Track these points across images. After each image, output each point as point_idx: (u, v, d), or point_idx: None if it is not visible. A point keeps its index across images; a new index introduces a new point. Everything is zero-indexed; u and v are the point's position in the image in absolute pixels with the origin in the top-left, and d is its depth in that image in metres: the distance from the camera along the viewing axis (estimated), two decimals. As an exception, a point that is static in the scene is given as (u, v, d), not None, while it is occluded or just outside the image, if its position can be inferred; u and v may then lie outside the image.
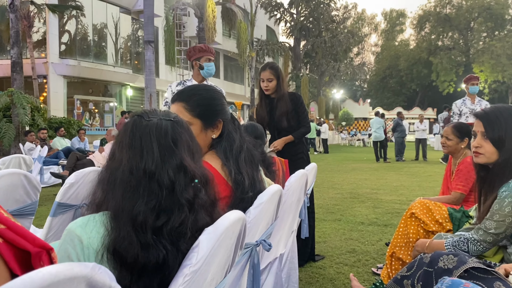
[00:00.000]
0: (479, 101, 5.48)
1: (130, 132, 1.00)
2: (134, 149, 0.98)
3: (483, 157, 1.64)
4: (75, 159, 6.81)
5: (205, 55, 3.17)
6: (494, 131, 1.60)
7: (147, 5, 12.84)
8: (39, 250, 0.66)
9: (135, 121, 1.02)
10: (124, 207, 0.93)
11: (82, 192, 2.09)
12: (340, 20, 33.29)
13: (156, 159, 0.97)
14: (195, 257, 0.82)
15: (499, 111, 1.63)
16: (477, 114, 1.68)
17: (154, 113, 1.05)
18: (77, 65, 17.50)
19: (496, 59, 36.49)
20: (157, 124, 1.01)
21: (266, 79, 3.11)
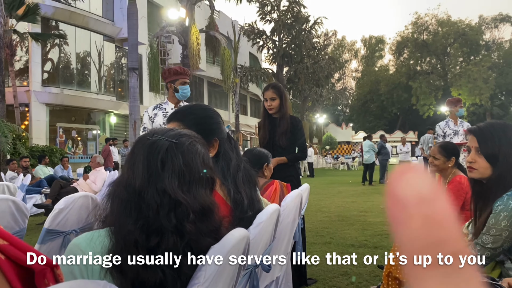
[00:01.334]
0: (461, 122, 5.60)
1: (132, 149, 1.02)
2: (129, 165, 0.98)
3: (477, 172, 1.66)
4: (58, 187, 6.67)
5: (180, 78, 3.17)
6: (488, 146, 1.63)
7: (131, 33, 12.94)
8: (43, 267, 0.64)
9: (139, 139, 1.02)
10: (119, 223, 0.93)
11: (72, 218, 2.04)
12: (321, 47, 33.98)
13: (141, 177, 0.95)
14: (202, 275, 0.80)
15: (493, 127, 1.66)
16: (471, 129, 1.72)
17: (161, 132, 1.04)
18: (59, 93, 17.36)
19: (473, 82, 37.58)
20: (153, 143, 0.99)
21: (269, 98, 3.18)
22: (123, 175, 0.98)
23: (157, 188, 0.94)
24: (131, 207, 0.93)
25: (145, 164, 0.96)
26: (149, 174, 0.95)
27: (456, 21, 43.12)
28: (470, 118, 38.77)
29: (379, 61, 52.11)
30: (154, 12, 22.22)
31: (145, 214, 0.92)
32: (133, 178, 0.95)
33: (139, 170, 0.96)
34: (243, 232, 0.94)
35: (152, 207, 0.92)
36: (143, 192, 0.93)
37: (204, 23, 19.38)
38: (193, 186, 0.99)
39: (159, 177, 0.95)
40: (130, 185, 0.95)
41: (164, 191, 0.94)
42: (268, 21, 29.50)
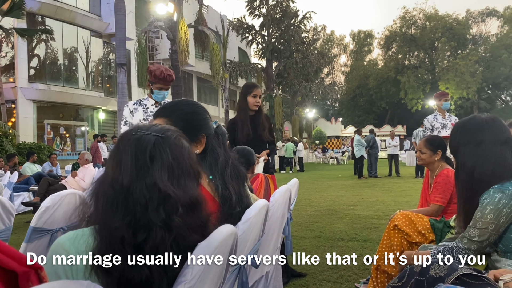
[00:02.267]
0: (449, 116, 5.65)
1: (116, 145, 1.00)
2: (115, 162, 0.97)
3: None
4: (46, 185, 6.60)
5: (157, 83, 3.20)
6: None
7: (119, 28, 12.80)
8: (27, 269, 0.63)
9: (123, 135, 1.01)
10: (105, 221, 0.92)
11: (59, 216, 2.01)
12: (310, 41, 33.99)
13: (130, 173, 0.94)
14: (189, 273, 0.80)
15: (478, 121, 1.70)
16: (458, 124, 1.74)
17: (145, 128, 1.03)
18: (47, 90, 17.15)
19: (460, 76, 37.93)
20: (139, 138, 0.99)
21: (259, 96, 3.39)
22: (108, 173, 0.97)
23: (146, 183, 0.94)
24: (117, 204, 0.92)
25: (133, 159, 0.96)
26: (137, 169, 0.95)
27: (444, 16, 43.43)
28: (458, 112, 39.20)
29: (368, 56, 52.33)
30: (142, 7, 22.01)
31: (132, 210, 0.91)
32: (120, 175, 0.94)
33: (127, 166, 0.95)
34: (230, 229, 0.94)
35: (141, 202, 0.92)
36: (131, 188, 0.93)
37: (193, 18, 19.27)
38: (181, 180, 0.99)
39: (148, 172, 0.95)
40: (116, 182, 0.94)
41: (154, 185, 0.94)
42: (257, 16, 29.42)
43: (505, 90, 43.91)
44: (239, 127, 3.39)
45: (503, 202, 1.52)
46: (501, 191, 1.54)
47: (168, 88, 3.29)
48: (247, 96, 3.41)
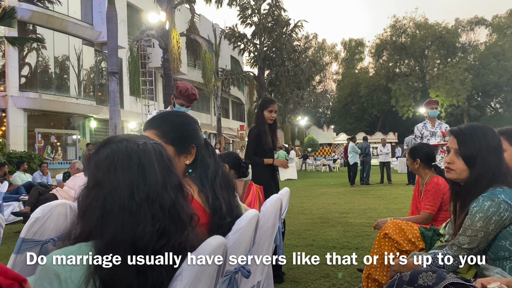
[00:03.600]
0: (439, 124, 5.70)
1: (126, 156, 0.97)
2: (133, 171, 0.95)
3: (454, 173, 1.69)
4: (37, 194, 6.54)
5: (180, 98, 3.44)
6: (467, 148, 1.66)
7: (111, 36, 12.81)
8: (11, 282, 0.62)
9: (127, 145, 1.00)
10: (124, 234, 0.90)
11: (49, 227, 2.00)
12: (301, 50, 34.20)
13: (159, 181, 0.97)
14: (178, 285, 0.80)
15: (474, 129, 1.69)
16: (453, 130, 1.74)
17: (140, 138, 1.05)
18: (38, 98, 17.05)
19: (451, 84, 38.32)
20: (152, 147, 1.02)
21: (274, 111, 3.72)
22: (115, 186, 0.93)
23: (172, 186, 0.99)
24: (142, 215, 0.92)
25: (157, 167, 0.99)
26: (163, 176, 0.98)
27: (433, 24, 43.96)
28: (448, 119, 39.56)
29: (359, 64, 52.72)
30: (133, 15, 22.04)
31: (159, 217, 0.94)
32: (145, 185, 0.95)
33: (155, 175, 0.97)
34: (219, 240, 0.94)
35: (168, 207, 0.95)
36: (158, 195, 0.95)
37: (185, 26, 19.33)
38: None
39: (171, 174, 1.01)
40: (140, 192, 0.94)
41: (179, 186, 1.01)
42: (249, 25, 29.57)
43: (495, 97, 44.45)
44: (264, 135, 3.70)
45: (492, 210, 1.53)
46: (491, 199, 1.55)
47: (189, 106, 3.52)
48: (264, 111, 3.72)
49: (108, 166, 0.96)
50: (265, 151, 3.71)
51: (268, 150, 3.73)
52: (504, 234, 1.55)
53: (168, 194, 0.96)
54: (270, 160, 3.71)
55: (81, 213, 0.95)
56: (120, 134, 1.09)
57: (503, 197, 1.55)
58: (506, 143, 1.92)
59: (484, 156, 1.64)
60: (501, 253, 1.57)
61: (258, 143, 3.69)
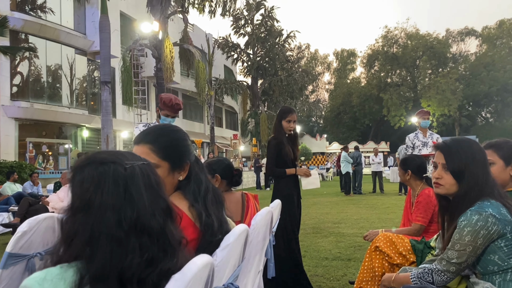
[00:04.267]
0: (431, 134, 5.73)
1: (113, 182, 0.93)
2: (121, 199, 0.91)
3: (443, 188, 1.69)
4: (27, 205, 6.47)
5: (165, 110, 3.42)
6: (455, 163, 1.66)
7: (104, 46, 12.79)
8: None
9: (115, 170, 0.95)
10: (112, 266, 0.86)
11: (36, 241, 1.97)
12: (294, 60, 34.43)
13: (148, 208, 0.92)
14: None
15: (460, 144, 1.70)
16: (439, 146, 1.74)
17: (128, 159, 1.00)
18: (29, 107, 16.94)
19: (442, 94, 38.69)
20: (140, 170, 0.97)
21: (293, 121, 3.65)
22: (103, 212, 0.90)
23: (159, 211, 0.95)
24: (130, 244, 0.88)
25: (145, 193, 0.94)
26: (152, 200, 0.94)
27: (424, 35, 44.49)
28: (440, 129, 39.88)
29: (351, 74, 53.11)
30: (127, 25, 22.07)
31: (148, 246, 0.90)
32: (132, 212, 0.90)
33: (143, 202, 0.93)
34: (206, 259, 0.92)
35: (157, 234, 0.92)
36: (146, 223, 0.91)
37: (178, 36, 19.38)
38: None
39: (158, 198, 0.97)
40: (127, 221, 0.90)
41: (167, 209, 0.97)
42: (242, 35, 29.73)
43: (485, 107, 44.92)
44: (284, 145, 3.60)
45: (480, 224, 1.53)
46: (478, 212, 1.55)
47: (175, 116, 3.51)
48: (282, 121, 3.64)
49: (95, 190, 0.92)
50: (286, 162, 3.60)
51: (288, 160, 3.62)
52: (493, 248, 1.55)
53: (157, 220, 0.92)
54: (293, 170, 3.59)
55: (66, 238, 0.91)
56: (106, 151, 1.02)
57: (490, 210, 1.55)
58: (495, 155, 1.93)
59: (471, 169, 1.64)
60: (490, 267, 1.57)
61: (278, 154, 3.60)
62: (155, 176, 1.00)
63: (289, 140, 3.67)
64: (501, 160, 1.92)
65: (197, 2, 18.96)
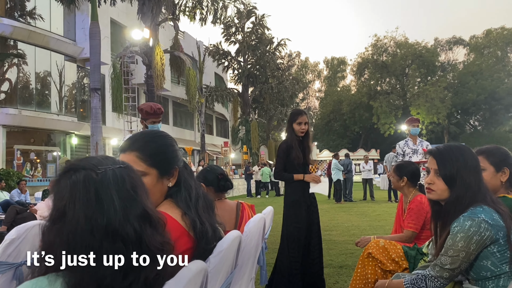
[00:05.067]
0: (420, 141, 5.78)
1: (83, 189, 0.91)
2: (91, 206, 0.89)
3: (435, 193, 1.70)
4: (14, 213, 6.37)
5: (150, 118, 3.48)
6: (446, 169, 1.67)
7: (94, 53, 12.74)
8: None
9: (86, 176, 0.93)
10: (89, 276, 0.84)
11: (24, 249, 1.94)
12: (285, 67, 34.63)
13: (118, 214, 0.89)
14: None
15: (452, 149, 1.71)
16: (431, 151, 1.75)
17: (101, 163, 0.97)
18: (18, 114, 16.76)
19: (431, 102, 39.14)
20: (112, 174, 0.94)
21: (304, 123, 3.54)
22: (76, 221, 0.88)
23: (136, 215, 0.91)
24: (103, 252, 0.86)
25: (117, 198, 0.91)
26: (123, 206, 0.90)
27: (413, 43, 45.07)
28: (429, 136, 40.27)
29: (341, 82, 53.54)
30: (117, 32, 22.02)
31: (123, 253, 0.87)
32: (102, 219, 0.88)
33: (113, 205, 0.89)
34: (200, 265, 0.91)
35: (133, 241, 0.88)
36: (119, 230, 0.88)
37: (169, 43, 19.37)
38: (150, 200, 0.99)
39: (134, 203, 0.92)
40: (99, 228, 0.87)
41: (145, 214, 0.92)
42: (233, 42, 29.84)
43: (473, 115, 45.52)
44: (294, 149, 3.53)
45: (473, 230, 1.54)
46: (471, 218, 1.56)
47: (160, 120, 3.54)
48: (293, 124, 3.56)
49: (68, 199, 0.90)
50: (295, 166, 3.53)
51: (298, 165, 3.54)
52: (485, 254, 1.56)
53: (131, 226, 0.89)
54: (301, 175, 3.51)
55: (47, 248, 0.89)
56: (82, 158, 1.00)
57: (483, 216, 1.55)
58: (486, 162, 1.94)
59: (463, 175, 1.65)
60: (483, 273, 1.57)
61: (288, 158, 3.54)
62: (132, 179, 0.96)
63: (301, 143, 3.60)
64: (492, 166, 1.93)
65: (188, 10, 19.01)
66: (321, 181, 3.55)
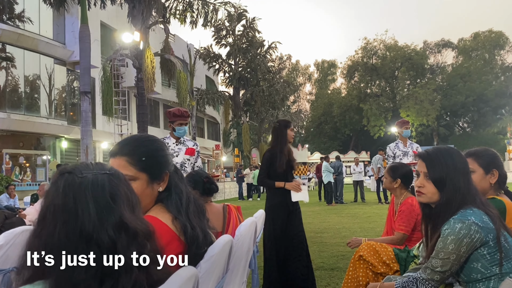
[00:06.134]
0: (411, 143, 5.80)
1: (62, 192, 0.91)
2: (68, 211, 0.89)
3: (425, 196, 1.71)
4: (3, 218, 6.28)
5: (177, 120, 3.81)
6: (436, 172, 1.68)
7: (83, 56, 12.66)
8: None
9: (66, 180, 0.93)
10: (63, 278, 0.84)
11: (13, 255, 1.91)
12: (276, 70, 34.68)
13: (93, 219, 0.88)
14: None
15: (441, 152, 1.72)
16: (420, 154, 1.76)
17: (87, 168, 0.97)
18: (6, 118, 16.58)
19: (420, 104, 39.48)
20: (92, 180, 0.93)
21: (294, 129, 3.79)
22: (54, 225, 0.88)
23: (112, 224, 0.89)
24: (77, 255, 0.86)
25: (93, 204, 0.90)
26: (100, 212, 0.89)
27: (403, 46, 45.46)
28: (419, 138, 40.60)
29: (332, 84, 53.80)
30: (107, 35, 21.90)
31: (98, 258, 0.86)
32: (77, 224, 0.87)
33: (88, 212, 0.88)
34: (190, 271, 0.90)
35: (107, 247, 0.87)
36: (95, 234, 0.87)
37: (159, 46, 19.31)
38: (137, 211, 0.97)
39: (111, 212, 0.91)
40: (74, 233, 0.87)
41: (121, 224, 0.90)
42: (224, 45, 29.83)
43: (462, 117, 46.01)
44: (277, 158, 3.60)
45: (463, 233, 1.55)
46: (461, 221, 1.57)
47: (187, 123, 3.86)
48: (287, 129, 3.69)
49: (50, 202, 0.91)
50: (278, 174, 3.61)
51: (281, 172, 3.63)
52: (476, 256, 1.57)
53: (105, 234, 0.88)
54: (282, 183, 3.58)
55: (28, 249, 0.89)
56: (74, 164, 1.00)
57: (473, 219, 1.56)
58: (475, 164, 1.96)
59: (452, 178, 1.66)
60: (473, 275, 1.58)
61: (271, 165, 3.63)
62: (112, 187, 0.94)
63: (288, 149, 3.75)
64: (481, 168, 1.95)
65: (179, 13, 18.96)
66: (301, 189, 3.62)
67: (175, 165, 1.47)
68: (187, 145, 3.98)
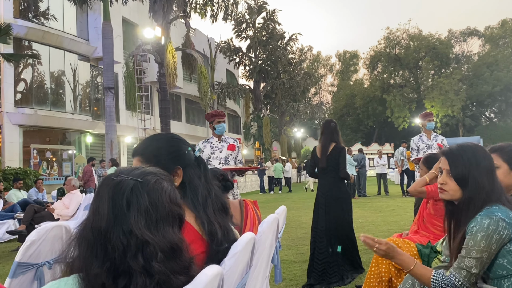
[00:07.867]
0: (435, 136, 5.67)
1: (97, 189, 1.00)
2: (95, 206, 0.97)
3: (447, 194, 1.70)
4: (32, 212, 6.48)
5: (216, 118, 4.28)
6: (458, 169, 1.66)
7: (106, 52, 12.87)
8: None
9: (104, 180, 1.01)
10: (86, 267, 0.91)
11: (44, 250, 1.99)
12: (296, 62, 34.46)
13: (108, 220, 0.94)
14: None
15: (464, 150, 1.70)
16: (444, 151, 1.75)
17: (126, 172, 1.02)
18: (33, 114, 17.04)
19: (445, 94, 38.60)
20: (118, 183, 0.98)
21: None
22: (89, 217, 0.97)
23: (123, 229, 0.93)
24: (97, 250, 0.92)
25: (110, 205, 0.95)
26: (114, 215, 0.94)
27: (427, 36, 44.45)
28: (444, 129, 39.76)
29: (354, 75, 53.12)
30: (129, 31, 22.17)
31: (111, 256, 0.91)
32: (99, 220, 0.94)
33: (104, 211, 0.95)
34: (215, 270, 0.93)
35: (118, 248, 0.91)
36: (109, 234, 0.92)
37: (180, 41, 19.44)
38: (160, 225, 0.97)
39: (124, 218, 0.94)
40: (95, 227, 0.94)
41: (131, 232, 0.92)
42: (244, 38, 29.80)
43: (489, 107, 44.80)
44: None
45: (492, 228, 1.53)
46: (489, 217, 1.55)
47: (224, 120, 4.33)
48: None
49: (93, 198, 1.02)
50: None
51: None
52: (502, 252, 1.55)
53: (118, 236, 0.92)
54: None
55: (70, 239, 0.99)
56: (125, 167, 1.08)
57: (500, 215, 1.55)
58: (500, 159, 1.93)
59: (475, 176, 1.64)
60: (499, 271, 1.56)
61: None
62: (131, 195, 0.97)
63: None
64: (506, 164, 1.92)
65: (199, 7, 19.03)
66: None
67: (202, 160, 1.49)
68: (228, 142, 4.42)
